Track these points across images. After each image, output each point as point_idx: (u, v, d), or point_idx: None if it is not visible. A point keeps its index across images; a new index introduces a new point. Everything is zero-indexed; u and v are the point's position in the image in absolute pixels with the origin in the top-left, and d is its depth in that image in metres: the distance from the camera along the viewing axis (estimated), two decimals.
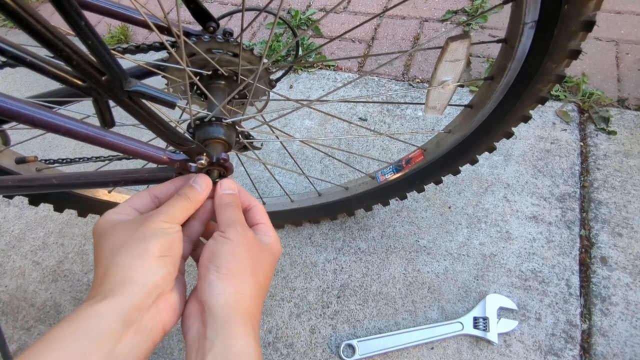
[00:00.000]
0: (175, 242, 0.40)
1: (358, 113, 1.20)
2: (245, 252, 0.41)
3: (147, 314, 0.36)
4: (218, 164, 0.52)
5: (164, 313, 0.38)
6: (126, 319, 0.34)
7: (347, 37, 1.42)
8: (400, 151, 1.09)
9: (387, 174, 0.83)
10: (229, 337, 0.36)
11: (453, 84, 0.56)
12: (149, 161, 0.50)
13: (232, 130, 0.56)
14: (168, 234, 0.40)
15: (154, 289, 0.37)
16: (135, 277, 0.36)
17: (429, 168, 0.77)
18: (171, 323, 0.39)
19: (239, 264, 0.40)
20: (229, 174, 0.54)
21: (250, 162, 1.14)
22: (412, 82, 1.25)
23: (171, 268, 0.39)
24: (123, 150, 0.47)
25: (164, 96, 0.38)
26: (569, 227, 0.89)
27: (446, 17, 1.39)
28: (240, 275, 0.40)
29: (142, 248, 0.38)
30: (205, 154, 0.50)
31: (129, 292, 0.36)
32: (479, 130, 0.65)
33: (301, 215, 0.95)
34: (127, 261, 0.37)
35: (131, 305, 0.35)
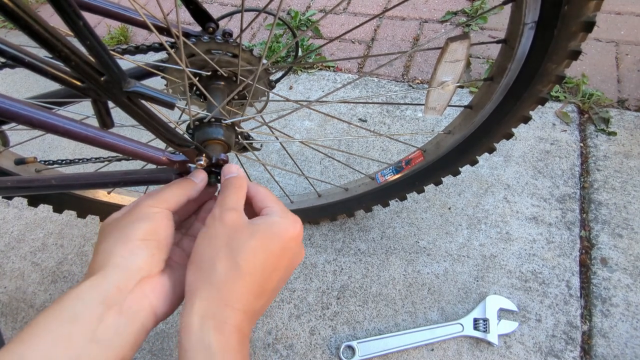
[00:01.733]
0: (161, 225, 0.40)
1: (358, 114, 1.19)
2: (219, 238, 0.39)
3: (130, 296, 0.36)
4: (218, 165, 0.52)
5: (153, 297, 0.37)
6: (106, 300, 0.34)
7: (347, 38, 1.42)
8: (400, 152, 1.09)
9: (387, 175, 0.83)
10: (182, 332, 0.35)
11: (453, 85, 0.56)
12: (148, 162, 0.50)
13: (232, 131, 0.56)
14: (153, 218, 0.40)
15: (136, 271, 0.37)
16: (116, 260, 0.36)
17: (429, 169, 0.77)
18: (164, 308, 0.38)
19: (207, 251, 0.39)
20: None
21: (249, 163, 1.14)
22: (412, 83, 1.25)
23: (155, 251, 0.38)
24: (122, 151, 0.47)
25: (163, 97, 0.38)
26: (569, 228, 0.88)
27: (446, 18, 1.39)
28: (207, 264, 0.38)
29: (126, 232, 0.38)
30: (204, 155, 0.50)
31: (108, 274, 0.36)
32: (478, 131, 0.65)
33: (301, 216, 0.94)
34: (110, 246, 0.38)
35: (110, 287, 0.35)
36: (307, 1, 1.58)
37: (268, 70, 0.60)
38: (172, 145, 0.47)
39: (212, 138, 0.53)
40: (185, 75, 0.51)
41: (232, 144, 0.56)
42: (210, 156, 0.50)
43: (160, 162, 0.50)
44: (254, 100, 0.64)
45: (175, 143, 0.47)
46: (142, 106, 0.40)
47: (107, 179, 0.56)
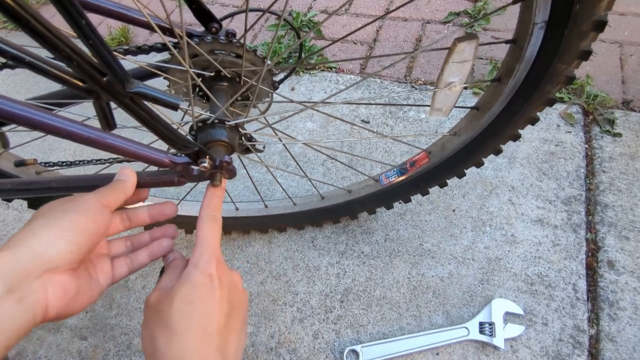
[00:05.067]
0: (93, 222, 0.39)
1: (360, 115, 1.19)
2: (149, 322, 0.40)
3: (33, 284, 0.34)
4: (221, 167, 0.51)
5: (51, 292, 0.36)
6: (10, 281, 0.33)
7: (349, 39, 1.41)
8: (404, 154, 1.08)
9: (391, 177, 0.82)
10: None
11: (460, 86, 0.55)
12: (150, 164, 0.49)
13: (235, 132, 0.55)
14: (87, 212, 0.39)
15: (47, 261, 0.35)
16: (33, 242, 0.35)
17: (434, 171, 0.76)
18: (56, 310, 0.36)
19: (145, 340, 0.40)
20: (232, 177, 0.53)
21: (252, 165, 1.13)
22: (415, 84, 1.24)
23: (74, 247, 0.37)
24: (124, 153, 0.46)
25: (166, 97, 0.37)
26: (575, 231, 0.88)
27: (448, 19, 1.39)
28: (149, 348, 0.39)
29: (56, 218, 0.37)
30: (207, 157, 0.49)
31: (20, 253, 0.34)
32: (485, 133, 0.64)
33: (303, 218, 0.94)
34: (35, 226, 0.37)
35: (18, 268, 0.33)
36: (309, 2, 1.58)
37: (272, 71, 0.59)
38: (175, 147, 0.46)
39: (215, 140, 0.53)
40: (189, 75, 0.50)
41: (236, 146, 0.55)
42: (213, 158, 0.49)
43: (162, 165, 0.49)
44: (258, 102, 0.63)
45: (178, 145, 0.46)
46: (145, 107, 0.39)
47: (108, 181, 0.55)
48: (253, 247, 0.97)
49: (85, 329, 0.90)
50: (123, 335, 0.89)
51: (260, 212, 0.93)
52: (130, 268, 0.47)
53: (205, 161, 0.48)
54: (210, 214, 0.49)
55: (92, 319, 0.91)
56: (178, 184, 0.54)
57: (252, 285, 0.91)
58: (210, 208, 0.49)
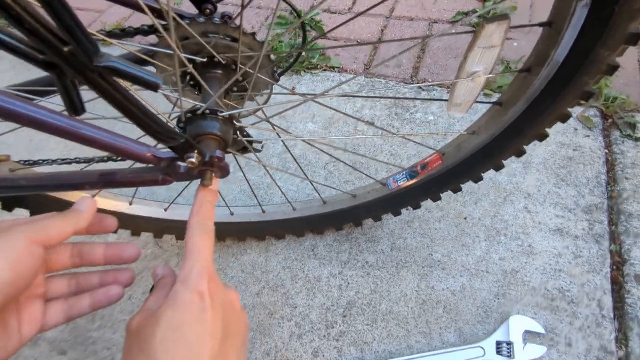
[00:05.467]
0: (14, 266, 0.32)
1: (365, 117, 1.12)
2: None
3: None
4: (212, 164, 0.44)
5: None
6: None
7: (353, 38, 1.36)
8: (411, 157, 1.02)
9: (400, 181, 0.76)
10: None
11: (485, 76, 0.49)
12: (129, 159, 0.42)
13: (229, 125, 0.48)
14: (10, 253, 0.32)
15: None
16: None
17: (447, 174, 0.69)
18: None
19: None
20: (224, 176, 0.46)
21: (249, 168, 1.06)
22: (422, 84, 1.18)
23: None
24: (100, 145, 0.39)
25: (143, 75, 0.30)
26: (597, 242, 0.81)
27: (456, 18, 1.33)
28: None
29: None
30: (196, 152, 0.42)
31: None
32: (508, 132, 0.58)
33: (304, 225, 0.87)
34: None
35: None
36: (311, 1, 1.53)
37: (271, 58, 0.52)
38: (158, 139, 0.40)
39: (206, 133, 0.46)
40: (176, 59, 0.43)
41: (230, 141, 0.48)
42: (203, 153, 0.43)
43: (144, 160, 0.42)
44: (255, 93, 0.57)
45: (162, 136, 0.39)
46: (119, 87, 0.32)
47: (84, 180, 0.48)
48: (249, 256, 0.90)
49: (65, 343, 0.83)
50: (106, 350, 0.81)
51: (257, 217, 0.86)
52: (68, 316, 0.40)
53: (193, 156, 0.41)
54: (201, 222, 0.42)
55: (73, 331, 0.84)
56: (163, 182, 0.47)
57: (247, 297, 0.84)
58: (201, 215, 0.43)
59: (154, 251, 0.95)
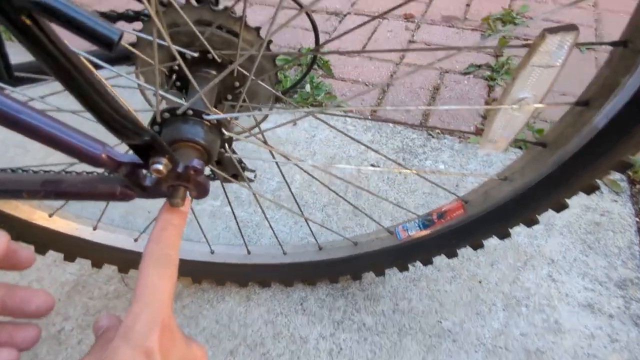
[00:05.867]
0: None
1: (369, 159, 1.04)
2: None
3: None
4: (186, 177, 0.33)
5: None
6: None
7: (360, 80, 1.31)
8: (419, 207, 0.91)
9: (411, 230, 0.65)
10: None
11: (535, 104, 0.40)
12: (76, 158, 0.31)
13: (216, 134, 0.38)
14: None
15: None
16: None
17: (469, 226, 0.59)
18: None
19: None
20: (201, 196, 0.35)
21: (237, 202, 0.95)
22: (432, 132, 1.11)
23: None
24: (37, 135, 0.29)
25: (90, 21, 0.21)
26: (636, 324, 0.69)
27: (469, 70, 1.30)
28: None
29: None
30: (166, 157, 0.31)
31: None
32: (550, 180, 0.48)
33: (294, 272, 0.75)
34: None
35: None
36: (321, 40, 1.50)
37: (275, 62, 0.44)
38: (113, 130, 0.29)
39: (184, 138, 0.36)
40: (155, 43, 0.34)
41: (214, 154, 0.38)
42: (174, 160, 0.32)
43: (95, 161, 0.31)
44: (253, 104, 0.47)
45: (119, 127, 0.29)
46: (55, 40, 0.22)
47: (22, 186, 0.37)
48: (227, 304, 0.76)
49: None
50: None
51: (241, 259, 0.73)
52: None
53: (160, 162, 0.31)
54: (161, 251, 0.32)
55: None
56: (122, 197, 0.36)
57: (219, 354, 0.69)
58: (162, 242, 0.32)
59: (117, 288, 0.81)
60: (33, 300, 0.31)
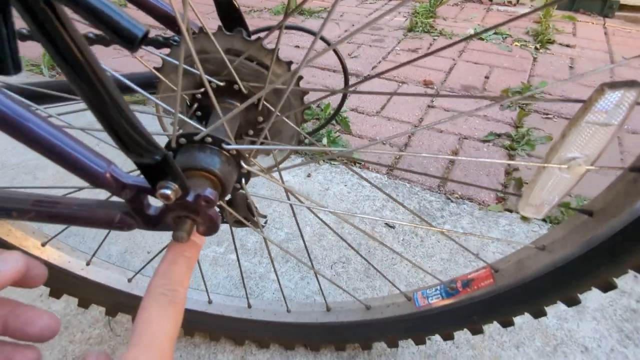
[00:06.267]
0: None
1: (385, 218, 0.99)
2: None
3: None
4: (196, 209, 0.29)
5: None
6: None
7: (377, 138, 1.30)
8: (437, 274, 0.85)
9: (432, 298, 0.58)
10: None
11: (586, 166, 0.36)
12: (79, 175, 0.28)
13: (233, 166, 0.35)
14: None
15: None
16: None
17: (498, 299, 0.52)
18: None
19: None
20: (210, 232, 0.31)
21: (242, 251, 0.89)
22: (451, 196, 1.07)
23: None
24: (39, 146, 0.26)
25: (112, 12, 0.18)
26: None
27: (488, 138, 1.28)
28: None
29: None
30: (178, 184, 0.28)
31: None
32: (596, 253, 0.43)
33: (297, 334, 0.68)
34: None
35: None
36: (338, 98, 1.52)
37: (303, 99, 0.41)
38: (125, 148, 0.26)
39: (200, 167, 0.32)
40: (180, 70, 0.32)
41: (229, 188, 0.34)
42: (185, 186, 0.28)
43: (97, 179, 0.28)
44: (274, 144, 0.44)
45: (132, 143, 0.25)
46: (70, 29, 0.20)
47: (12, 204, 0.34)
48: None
49: None
50: None
51: (240, 312, 0.67)
52: None
53: (169, 187, 0.27)
54: (168, 286, 0.28)
55: None
56: (120, 225, 0.32)
57: None
58: (169, 276, 0.28)
59: (102, 333, 0.74)
60: (36, 322, 0.28)
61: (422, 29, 2.12)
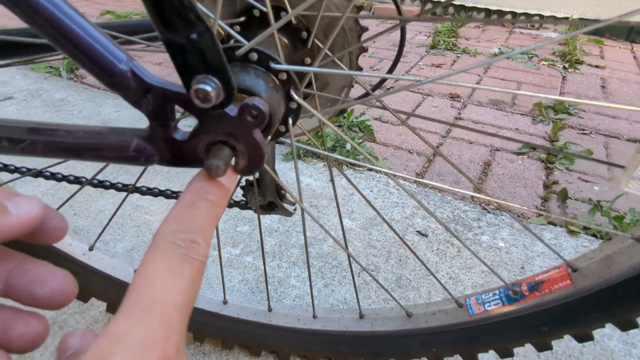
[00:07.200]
0: None
1: (416, 225, 0.90)
2: None
3: None
4: (237, 128, 0.22)
5: None
6: None
7: (404, 147, 1.23)
8: (477, 286, 0.75)
9: (489, 304, 0.49)
10: None
11: None
12: (91, 70, 0.21)
13: (282, 95, 0.28)
14: None
15: None
16: None
17: (578, 305, 0.43)
18: None
19: None
20: (250, 166, 0.23)
21: (260, 254, 0.81)
22: (487, 207, 0.98)
23: None
24: (42, 19, 0.19)
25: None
26: None
27: (522, 150, 1.21)
28: None
29: None
30: (219, 80, 0.20)
31: None
32: None
33: (323, 344, 0.58)
34: None
35: None
36: (363, 108, 1.47)
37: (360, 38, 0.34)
38: (157, 14, 0.19)
39: (242, 87, 0.25)
40: None
41: (275, 122, 0.27)
42: (231, 85, 0.21)
43: (114, 79, 0.21)
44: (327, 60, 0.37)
45: (168, 6, 0.18)
46: None
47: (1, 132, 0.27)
48: None
49: None
50: None
51: (259, 316, 0.58)
52: None
53: (210, 82, 0.20)
54: (181, 234, 0.20)
55: None
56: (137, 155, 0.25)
57: None
58: (185, 222, 0.21)
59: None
60: (47, 282, 0.22)
61: (445, 47, 2.09)
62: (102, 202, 0.94)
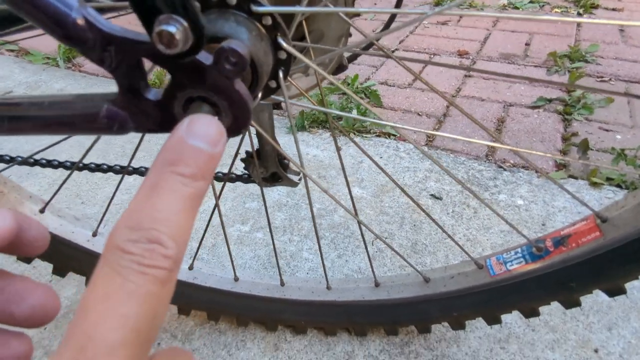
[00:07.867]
0: None
1: (429, 189, 0.87)
2: None
3: None
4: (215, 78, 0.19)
5: None
6: None
7: (413, 110, 1.18)
8: (496, 247, 0.73)
9: (511, 263, 0.47)
10: None
11: None
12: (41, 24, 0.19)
13: (268, 44, 0.24)
14: None
15: None
16: None
17: (607, 257, 0.40)
18: None
19: None
20: (237, 124, 0.20)
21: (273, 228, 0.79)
22: (503, 164, 0.94)
23: None
24: None
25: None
26: None
27: (537, 104, 1.15)
28: None
29: None
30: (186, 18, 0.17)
31: None
32: None
33: (339, 316, 0.57)
34: None
35: None
36: (368, 73, 1.41)
37: None
38: None
39: (220, 37, 0.22)
40: None
41: (262, 74, 0.24)
42: (199, 25, 0.17)
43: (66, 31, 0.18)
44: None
45: None
46: None
47: None
48: (248, 352, 0.58)
49: None
50: None
51: (272, 291, 0.56)
52: None
53: (174, 22, 0.16)
54: (136, 236, 0.16)
55: None
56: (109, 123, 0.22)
57: None
58: (139, 218, 0.16)
59: None
60: (26, 298, 0.19)
61: (449, 2, 1.99)
62: (109, 189, 0.93)
